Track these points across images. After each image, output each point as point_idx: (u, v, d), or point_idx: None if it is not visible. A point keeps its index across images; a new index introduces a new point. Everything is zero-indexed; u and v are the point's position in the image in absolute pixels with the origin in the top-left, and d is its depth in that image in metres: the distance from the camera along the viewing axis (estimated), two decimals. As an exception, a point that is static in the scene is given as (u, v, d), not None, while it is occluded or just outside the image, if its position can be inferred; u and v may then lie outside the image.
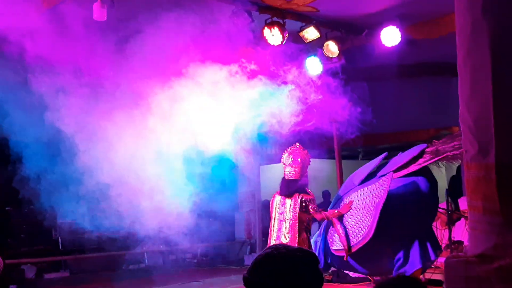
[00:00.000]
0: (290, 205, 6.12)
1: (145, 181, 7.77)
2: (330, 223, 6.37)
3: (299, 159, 6.30)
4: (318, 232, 6.71)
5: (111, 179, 7.88)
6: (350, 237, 5.95)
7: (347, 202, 6.37)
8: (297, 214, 6.02)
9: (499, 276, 1.74)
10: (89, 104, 7.03)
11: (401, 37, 7.74)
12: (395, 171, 6.07)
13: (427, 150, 6.22)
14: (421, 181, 6.12)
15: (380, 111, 10.07)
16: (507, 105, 1.87)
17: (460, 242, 7.74)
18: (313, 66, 8.20)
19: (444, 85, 10.76)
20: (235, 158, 7.42)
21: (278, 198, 6.31)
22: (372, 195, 5.96)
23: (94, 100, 7.04)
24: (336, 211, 6.36)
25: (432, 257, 5.90)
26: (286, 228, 6.06)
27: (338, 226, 6.16)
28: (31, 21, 6.25)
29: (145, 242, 10.69)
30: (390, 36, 7.76)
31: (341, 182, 10.23)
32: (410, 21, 7.92)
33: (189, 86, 7.00)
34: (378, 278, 7.77)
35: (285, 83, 7.70)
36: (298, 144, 6.50)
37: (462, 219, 7.93)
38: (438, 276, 6.83)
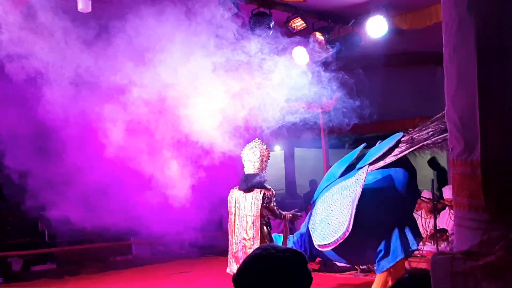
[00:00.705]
0: (252, 200, 6.18)
1: (133, 172, 7.75)
2: (314, 214, 6.38)
3: (258, 154, 6.34)
4: (304, 223, 6.73)
5: (98, 171, 7.85)
6: (332, 232, 5.88)
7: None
8: (258, 209, 6.07)
9: (485, 273, 1.76)
10: (73, 95, 6.96)
11: (387, 27, 7.76)
12: (372, 163, 6.06)
13: (402, 139, 6.14)
14: (399, 172, 6.10)
15: (366, 100, 10.12)
16: (492, 102, 1.89)
17: (444, 230, 7.84)
18: (300, 56, 8.19)
19: (430, 74, 10.82)
20: (225, 148, 7.43)
21: (237, 193, 6.34)
22: (350, 189, 5.92)
23: (78, 91, 6.97)
24: (290, 215, 6.45)
25: (413, 246, 5.91)
26: (247, 223, 6.12)
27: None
28: (8, 10, 6.15)
29: (132, 233, 10.68)
30: (377, 26, 7.77)
31: (327, 171, 10.29)
32: (397, 11, 7.94)
33: (174, 75, 6.97)
34: (364, 266, 7.86)
35: (271, 73, 7.70)
36: (257, 139, 6.54)
37: (447, 208, 8.02)
38: (423, 265, 6.92)
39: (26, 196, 9.53)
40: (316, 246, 6.07)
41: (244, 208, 6.20)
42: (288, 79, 7.70)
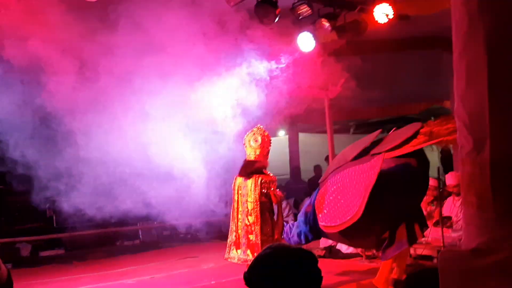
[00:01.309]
0: (251, 186, 6.27)
1: (140, 157, 7.78)
2: (322, 193, 6.27)
3: (259, 141, 6.40)
4: (309, 201, 6.57)
5: (105, 157, 7.89)
6: (339, 215, 5.80)
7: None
8: (257, 196, 6.19)
9: (493, 270, 1.79)
10: (78, 83, 6.96)
11: (394, 13, 7.71)
12: (388, 150, 5.99)
13: (421, 130, 6.03)
14: (413, 162, 6.06)
15: (372, 85, 10.11)
16: (502, 101, 1.90)
17: (448, 218, 7.87)
18: (306, 42, 8.15)
19: (436, 59, 10.75)
20: (233, 133, 7.46)
21: (239, 180, 6.43)
22: (363, 175, 5.85)
23: (83, 79, 6.97)
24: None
25: (419, 237, 5.99)
26: (248, 209, 6.24)
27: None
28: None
29: (139, 219, 10.77)
30: (383, 13, 7.72)
31: (333, 156, 10.30)
32: (403, -3, 7.88)
33: (179, 63, 6.96)
34: (370, 253, 7.92)
35: (278, 60, 7.69)
36: (259, 125, 6.57)
37: (452, 195, 8.04)
38: (429, 252, 6.97)
39: (35, 182, 9.60)
40: (321, 227, 6.00)
41: (245, 194, 6.31)
42: (293, 65, 7.70)
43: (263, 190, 6.27)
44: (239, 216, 6.35)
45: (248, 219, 6.25)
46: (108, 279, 7.52)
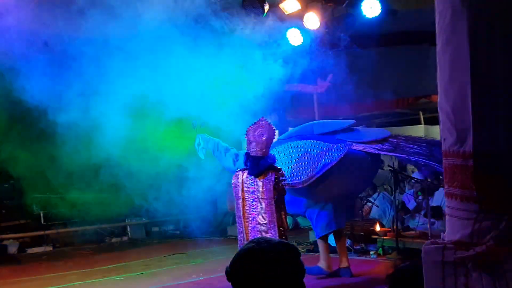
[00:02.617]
0: (263, 183, 5.96)
1: (126, 150, 7.73)
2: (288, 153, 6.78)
3: (265, 135, 6.07)
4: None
5: (93, 151, 7.83)
6: (292, 176, 6.53)
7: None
8: (272, 193, 5.91)
9: (475, 263, 1.79)
10: (63, 73, 6.85)
11: (382, 7, 7.72)
12: (357, 143, 6.60)
13: (390, 139, 6.66)
14: (366, 161, 6.65)
15: (360, 81, 10.12)
16: (484, 94, 1.90)
17: (439, 208, 7.92)
18: (294, 37, 8.14)
19: (423, 54, 10.80)
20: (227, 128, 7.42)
21: (244, 176, 6.06)
22: (326, 153, 6.51)
23: (65, 69, 6.84)
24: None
25: (342, 225, 6.74)
26: (262, 208, 5.95)
27: None
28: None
29: (127, 215, 10.73)
30: (371, 7, 7.72)
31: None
32: (391, -9, 7.89)
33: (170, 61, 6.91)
34: (358, 246, 7.95)
35: (266, 54, 7.67)
36: (264, 118, 6.24)
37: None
38: (417, 245, 7.01)
39: (21, 178, 9.52)
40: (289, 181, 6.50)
41: (256, 192, 5.97)
42: (282, 60, 7.68)
43: (276, 186, 6.01)
44: (247, 215, 6.00)
45: (263, 218, 5.94)
46: (96, 275, 7.48)
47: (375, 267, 7.06)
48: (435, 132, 13.78)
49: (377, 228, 7.99)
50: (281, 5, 7.57)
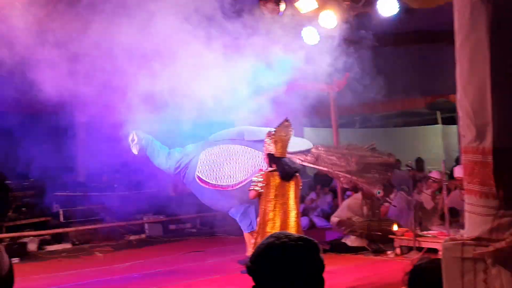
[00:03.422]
0: (292, 190, 5.89)
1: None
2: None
3: (289, 135, 6.09)
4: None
5: (113, 149, 7.90)
6: (223, 178, 7.10)
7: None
8: (299, 198, 5.94)
9: (495, 258, 1.79)
10: (83, 71, 6.89)
11: (398, 6, 7.69)
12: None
13: (312, 150, 7.16)
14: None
15: (376, 80, 10.07)
16: (504, 90, 1.90)
17: (455, 210, 7.87)
18: (310, 36, 8.15)
19: (438, 53, 10.72)
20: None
21: (274, 179, 6.00)
22: (255, 160, 7.02)
23: (86, 67, 6.88)
24: None
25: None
26: (293, 218, 5.93)
27: None
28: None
29: (145, 213, 10.83)
30: (387, 5, 7.70)
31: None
32: (408, -11, 7.85)
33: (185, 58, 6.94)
34: (375, 247, 7.93)
35: (281, 52, 7.67)
36: (288, 119, 6.27)
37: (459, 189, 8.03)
38: (435, 245, 6.97)
39: (42, 176, 9.66)
40: (196, 177, 7.12)
41: (284, 196, 5.94)
42: (298, 59, 7.68)
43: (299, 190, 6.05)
44: (276, 219, 5.95)
45: (292, 223, 5.92)
46: (114, 273, 7.56)
47: (392, 267, 7.03)
48: (453, 132, 13.70)
49: (395, 228, 7.96)
50: (296, 4, 7.58)
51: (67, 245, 9.60)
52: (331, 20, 7.91)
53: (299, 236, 1.63)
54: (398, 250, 7.74)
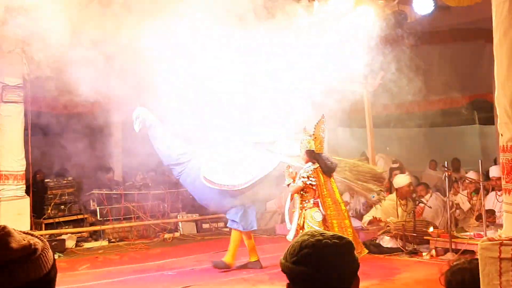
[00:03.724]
0: (335, 185, 5.99)
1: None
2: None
3: (324, 132, 6.25)
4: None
5: (149, 149, 8.01)
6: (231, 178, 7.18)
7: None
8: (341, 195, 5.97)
9: (534, 259, 1.76)
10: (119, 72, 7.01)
11: (434, 3, 7.57)
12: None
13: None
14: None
15: (412, 79, 9.93)
16: (543, 87, 1.86)
17: (492, 212, 7.70)
18: (344, 34, 8.07)
19: (478, 51, 10.50)
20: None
21: (321, 176, 6.05)
22: (260, 162, 7.16)
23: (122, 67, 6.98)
24: None
25: (253, 226, 7.41)
26: (345, 210, 6.02)
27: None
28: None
29: (179, 211, 10.96)
30: (423, 3, 7.60)
31: (373, 151, 10.20)
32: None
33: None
34: (410, 248, 7.81)
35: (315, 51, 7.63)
36: (324, 115, 6.37)
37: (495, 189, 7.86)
38: (471, 247, 6.84)
39: (79, 175, 9.88)
40: (202, 177, 7.18)
41: (331, 194, 6.00)
42: (333, 57, 7.63)
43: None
44: (334, 221, 6.01)
45: (345, 222, 5.98)
46: (149, 270, 7.68)
47: (428, 269, 6.93)
48: (490, 132, 13.39)
49: (430, 229, 7.85)
50: (331, 2, 7.54)
51: (104, 243, 9.79)
52: (366, 18, 7.84)
53: (334, 234, 1.63)
54: (433, 252, 7.63)
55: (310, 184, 6.07)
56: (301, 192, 6.14)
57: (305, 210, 6.11)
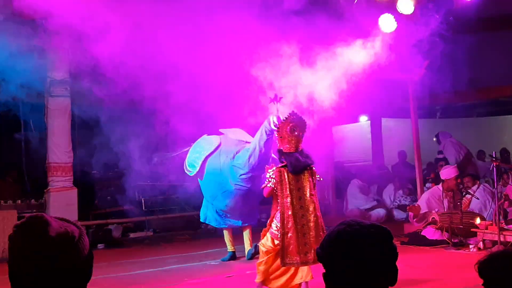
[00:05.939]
0: (306, 181, 5.51)
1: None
2: None
3: (297, 131, 5.56)
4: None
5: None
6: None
7: None
8: (315, 191, 5.55)
9: None
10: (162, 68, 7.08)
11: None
12: None
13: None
14: None
15: (457, 68, 9.66)
16: None
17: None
18: (387, 23, 7.94)
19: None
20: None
21: (287, 174, 5.50)
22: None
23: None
24: None
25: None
26: (313, 207, 5.47)
27: None
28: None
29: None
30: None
31: (417, 142, 10.00)
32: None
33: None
34: (456, 240, 7.66)
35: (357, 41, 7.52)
36: (294, 112, 5.65)
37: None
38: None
39: (125, 167, 10.07)
40: (240, 178, 7.38)
41: (300, 190, 5.44)
42: (374, 47, 7.50)
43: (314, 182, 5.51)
44: (298, 215, 5.37)
45: (311, 217, 5.34)
46: (193, 260, 7.79)
47: (475, 261, 6.75)
48: None
49: (478, 221, 7.65)
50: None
51: (149, 233, 9.98)
52: (409, 6, 7.68)
53: (371, 224, 1.61)
54: (481, 244, 7.44)
55: (270, 186, 5.52)
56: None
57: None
